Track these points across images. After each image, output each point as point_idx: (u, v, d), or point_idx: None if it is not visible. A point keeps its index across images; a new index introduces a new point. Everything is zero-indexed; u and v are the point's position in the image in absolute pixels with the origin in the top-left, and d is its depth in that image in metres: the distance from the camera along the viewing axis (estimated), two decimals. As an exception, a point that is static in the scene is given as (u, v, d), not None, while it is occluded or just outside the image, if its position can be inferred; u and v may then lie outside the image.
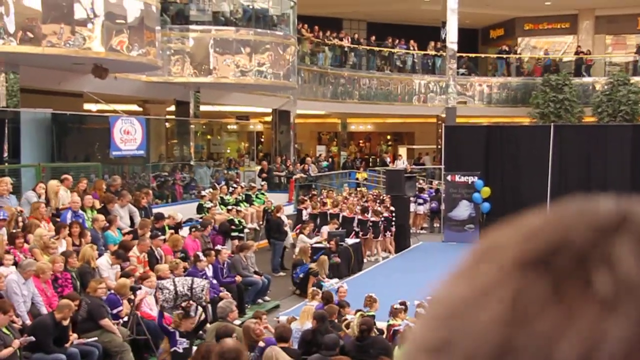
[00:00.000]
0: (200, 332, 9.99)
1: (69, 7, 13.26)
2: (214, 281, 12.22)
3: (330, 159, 28.90)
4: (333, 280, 14.39)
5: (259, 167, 23.47)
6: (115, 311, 9.60)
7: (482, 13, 30.91)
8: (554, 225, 0.47)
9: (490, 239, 0.49)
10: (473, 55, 31.04)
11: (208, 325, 10.64)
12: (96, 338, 9.08)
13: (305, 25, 26.00)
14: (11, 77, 14.75)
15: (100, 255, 10.99)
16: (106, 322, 9.24)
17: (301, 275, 14.22)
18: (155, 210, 14.69)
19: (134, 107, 22.98)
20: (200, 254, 12.33)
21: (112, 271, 10.68)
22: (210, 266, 12.43)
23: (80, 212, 12.04)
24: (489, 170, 20.90)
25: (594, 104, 27.63)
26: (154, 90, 19.18)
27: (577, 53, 30.22)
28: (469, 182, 20.77)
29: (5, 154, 14.29)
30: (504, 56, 30.91)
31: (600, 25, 31.76)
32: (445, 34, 28.86)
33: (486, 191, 20.39)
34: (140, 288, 10.36)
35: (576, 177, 20.25)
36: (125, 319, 9.76)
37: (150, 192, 15.96)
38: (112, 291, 9.84)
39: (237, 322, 10.90)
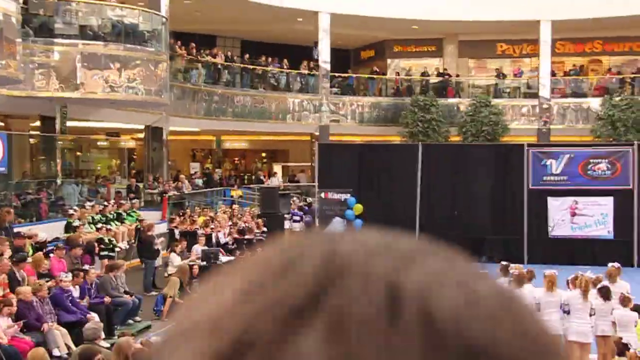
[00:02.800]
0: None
1: None
2: (82, 302, 11.81)
3: (205, 177, 28.61)
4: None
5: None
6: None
7: (353, 34, 31.69)
8: (241, 311, 0.41)
9: (187, 317, 0.45)
10: (346, 75, 31.73)
11: (74, 348, 10.25)
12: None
13: (179, 42, 25.73)
14: None
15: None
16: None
17: (162, 309, 13.88)
18: (17, 229, 14.00)
19: (-5, 123, 21.87)
20: (63, 273, 11.85)
21: (-33, 295, 10.08)
22: (77, 287, 11.99)
23: None
24: (361, 188, 21.37)
25: (459, 124, 28.89)
26: (16, 104, 18.32)
27: (441, 75, 31.56)
28: (342, 199, 21.16)
29: None
30: (375, 76, 31.82)
31: (464, 50, 33.34)
32: (318, 54, 29.38)
33: (358, 208, 20.83)
34: (-1, 312, 9.84)
35: (443, 193, 21.06)
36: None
37: (12, 210, 15.21)
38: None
39: (106, 344, 10.57)
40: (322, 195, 21.51)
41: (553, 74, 30.20)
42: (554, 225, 20.62)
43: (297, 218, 23.38)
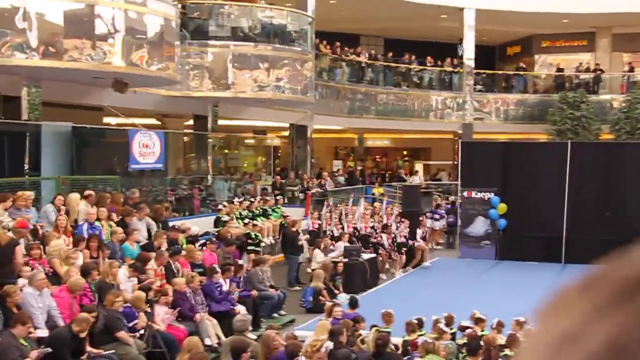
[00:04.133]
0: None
1: (90, 23, 13.46)
2: (232, 295, 12.30)
3: (347, 174, 28.95)
4: (344, 295, 14.38)
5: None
6: (131, 324, 9.68)
7: (499, 30, 30.95)
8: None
9: (593, 272, 0.48)
10: (490, 72, 31.05)
11: (223, 338, 10.72)
12: (113, 351, 9.15)
13: (324, 41, 26.16)
14: (33, 91, 15.00)
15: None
16: (122, 334, 9.32)
17: (311, 299, 14.18)
18: (171, 224, 14.79)
19: (153, 121, 23.19)
20: (215, 266, 12.40)
21: (129, 284, 10.77)
22: (227, 280, 12.50)
23: (97, 224, 12.14)
24: (505, 187, 20.83)
25: (612, 122, 27.52)
26: (173, 104, 19.37)
27: (594, 70, 30.16)
28: (485, 198, 20.73)
29: (26, 167, 14.48)
30: (521, 73, 30.91)
31: (618, 43, 31.68)
32: (463, 51, 28.92)
33: (502, 207, 20.32)
34: (157, 301, 10.46)
35: (593, 193, 20.12)
36: (142, 331, 9.82)
37: (169, 206, 16.09)
38: (128, 304, 9.92)
39: (253, 335, 10.97)
40: (465, 194, 21.18)
41: None
42: None
43: (438, 217, 23.17)
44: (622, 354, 0.41)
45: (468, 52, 28.71)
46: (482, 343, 9.32)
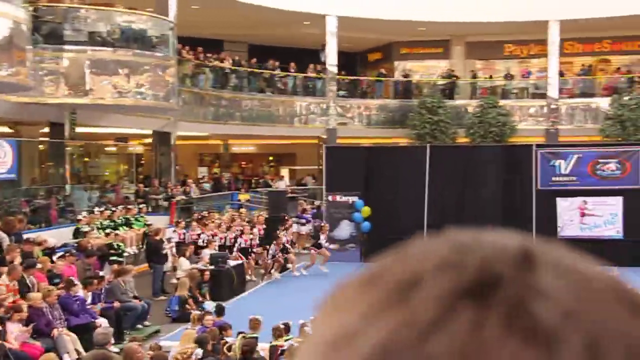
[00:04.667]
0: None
1: None
2: (94, 308, 11.87)
3: (213, 181, 28.68)
4: (210, 303, 14.22)
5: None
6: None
7: (360, 37, 31.70)
8: (474, 256, 0.44)
9: (374, 268, 0.46)
10: (352, 77, 31.75)
11: (83, 353, 10.30)
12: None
13: (186, 47, 25.81)
14: None
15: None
16: (-29, 355, 8.75)
17: (177, 308, 13.90)
18: (26, 236, 14.07)
19: (4, 129, 21.98)
20: (73, 279, 11.91)
21: (-22, 301, 10.13)
22: (89, 293, 12.06)
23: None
24: (368, 190, 21.36)
25: (467, 126, 28.86)
26: (26, 111, 18.43)
27: (449, 77, 31.52)
28: (350, 202, 21.16)
29: None
30: (382, 79, 31.82)
31: (471, 51, 33.30)
32: (325, 57, 29.40)
33: (366, 210, 20.82)
34: (9, 318, 9.90)
35: (452, 195, 21.03)
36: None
37: (23, 217, 15.29)
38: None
39: (115, 349, 10.61)
40: (330, 198, 21.52)
41: (561, 74, 30.12)
42: (562, 225, 20.57)
43: (304, 221, 23.40)
44: (391, 358, 0.40)
45: (331, 58, 29.23)
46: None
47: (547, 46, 29.81)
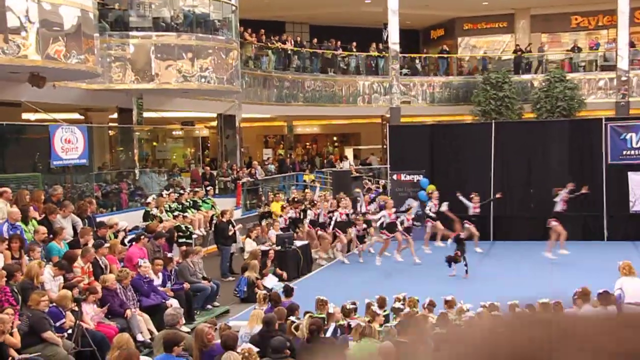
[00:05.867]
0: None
1: (0, 15, 12.98)
2: (162, 288, 12.14)
3: (278, 163, 28.90)
4: (274, 280, 14.37)
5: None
6: (58, 324, 9.42)
7: (422, 14, 31.31)
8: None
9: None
10: (415, 55, 31.41)
11: (156, 333, 10.56)
12: (39, 353, 8.89)
13: (249, 29, 25.96)
14: (-55, 88, 14.41)
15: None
16: (49, 335, 9.06)
17: (245, 289, 14.09)
18: (99, 219, 14.47)
19: (76, 116, 22.61)
20: (140, 260, 12.19)
21: (54, 283, 10.47)
22: (160, 274, 12.33)
23: (18, 224, 11.73)
24: (433, 168, 21.17)
25: (533, 101, 28.24)
26: (95, 97, 18.91)
27: (515, 51, 30.84)
28: (415, 180, 21.01)
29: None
30: (445, 56, 31.37)
31: (536, 24, 32.49)
32: (387, 35, 29.15)
33: (431, 189, 20.63)
34: (85, 299, 10.22)
35: (518, 171, 20.66)
36: (70, 331, 9.58)
37: (94, 201, 15.72)
38: (54, 304, 9.65)
39: (186, 329, 10.86)
40: (395, 177, 21.41)
41: (632, 44, 29.08)
42: (635, 200, 19.97)
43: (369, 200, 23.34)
44: None
45: (392, 36, 28.96)
46: (413, 323, 9.44)
47: (616, 16, 28.80)
